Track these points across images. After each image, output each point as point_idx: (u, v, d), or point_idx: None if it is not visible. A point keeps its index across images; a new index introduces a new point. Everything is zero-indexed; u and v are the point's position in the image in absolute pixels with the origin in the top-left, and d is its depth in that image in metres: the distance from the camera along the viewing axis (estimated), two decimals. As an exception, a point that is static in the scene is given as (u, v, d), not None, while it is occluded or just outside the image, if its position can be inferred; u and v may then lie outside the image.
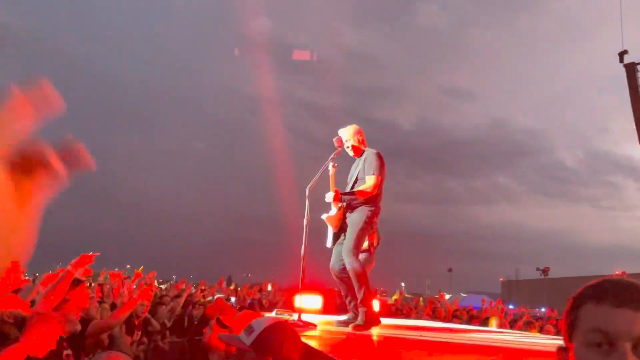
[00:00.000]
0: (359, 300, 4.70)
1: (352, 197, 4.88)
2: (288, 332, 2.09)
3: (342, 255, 4.80)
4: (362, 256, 7.28)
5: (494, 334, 6.78)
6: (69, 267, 3.71)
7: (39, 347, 3.06)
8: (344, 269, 4.80)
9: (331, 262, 5.03)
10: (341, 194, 4.83)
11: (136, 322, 6.05)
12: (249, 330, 2.05)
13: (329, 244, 5.08)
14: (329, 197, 4.80)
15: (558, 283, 45.00)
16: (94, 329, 4.34)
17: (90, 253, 3.85)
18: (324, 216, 5.01)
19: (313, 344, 3.22)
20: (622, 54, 25.12)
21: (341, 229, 4.97)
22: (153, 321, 6.63)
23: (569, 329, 1.07)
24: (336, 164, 4.86)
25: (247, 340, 2.02)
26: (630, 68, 24.59)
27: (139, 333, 6.07)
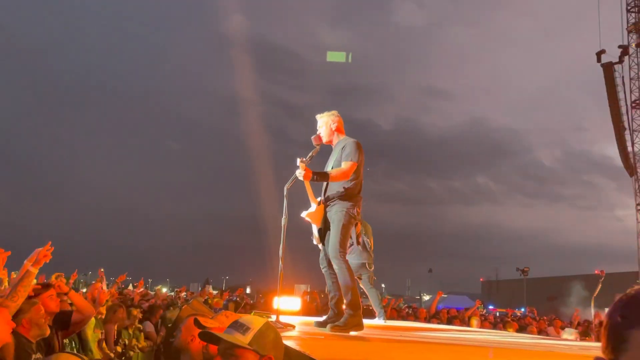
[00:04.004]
0: (345, 302, 4.61)
1: (325, 178, 4.72)
2: (276, 332, 2.12)
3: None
4: (353, 253, 7.24)
5: (474, 334, 6.79)
6: (27, 265, 3.56)
7: None
8: (331, 264, 4.70)
9: (319, 258, 4.93)
10: (313, 172, 4.60)
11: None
12: (243, 328, 2.03)
13: (315, 241, 4.98)
14: (300, 174, 4.55)
15: (537, 283, 45.54)
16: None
17: (45, 247, 3.69)
18: (303, 214, 4.88)
19: (291, 344, 3.16)
20: (599, 54, 25.69)
21: (325, 225, 4.85)
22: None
23: (615, 351, 0.97)
24: (304, 159, 4.60)
25: (244, 338, 1.99)
26: (607, 68, 25.10)
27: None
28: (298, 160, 4.58)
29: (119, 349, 6.08)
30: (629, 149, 25.28)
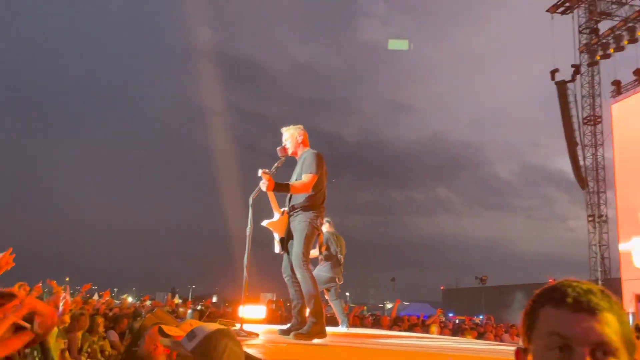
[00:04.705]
0: (309, 310, 4.68)
1: (286, 190, 4.78)
2: (233, 340, 2.02)
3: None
4: (325, 265, 7.40)
5: (434, 340, 6.95)
6: None
7: None
8: (295, 273, 4.77)
9: (282, 267, 5.00)
10: (275, 184, 4.63)
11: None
12: (191, 335, 2.00)
13: (276, 249, 5.00)
14: (263, 186, 4.58)
15: (495, 291, 46.41)
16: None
17: (6, 253, 3.64)
18: (264, 222, 4.92)
19: (253, 352, 3.22)
20: (553, 72, 26.60)
21: (288, 235, 4.90)
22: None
23: (528, 331, 1.05)
24: (267, 171, 4.65)
25: (189, 345, 1.99)
26: (560, 86, 25.98)
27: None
28: (260, 171, 4.65)
29: (83, 358, 6.01)
30: (581, 163, 26.17)
